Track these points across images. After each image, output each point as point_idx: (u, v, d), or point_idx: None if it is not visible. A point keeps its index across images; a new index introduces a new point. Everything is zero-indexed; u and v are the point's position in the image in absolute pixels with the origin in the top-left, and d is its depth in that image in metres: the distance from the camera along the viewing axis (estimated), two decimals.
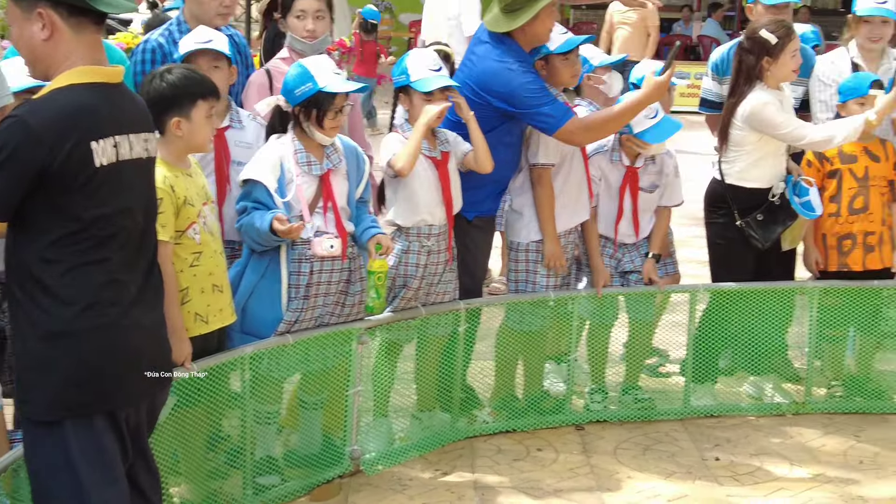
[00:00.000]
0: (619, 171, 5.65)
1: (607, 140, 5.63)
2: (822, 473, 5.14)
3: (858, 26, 6.13)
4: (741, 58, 5.74)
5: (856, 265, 5.87)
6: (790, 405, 5.88)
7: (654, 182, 5.72)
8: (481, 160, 5.16)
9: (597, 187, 5.66)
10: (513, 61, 5.25)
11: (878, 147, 5.88)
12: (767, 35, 5.60)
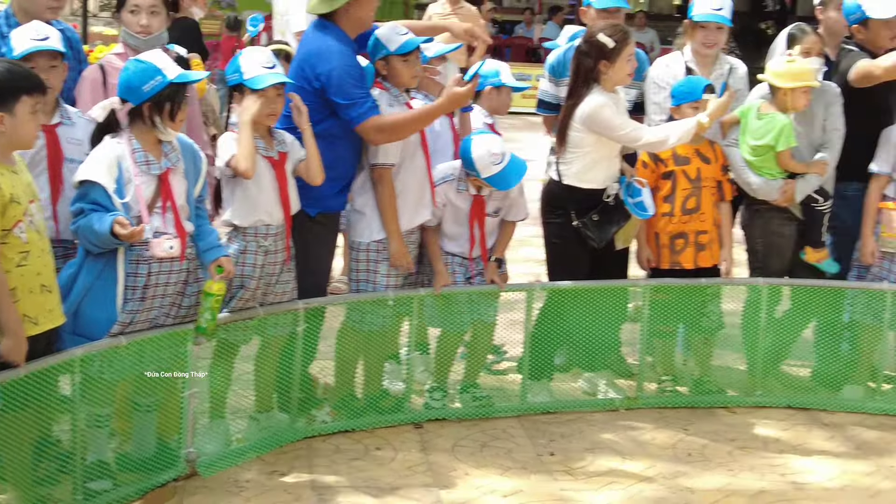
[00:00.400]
0: (465, 199, 5.71)
1: (453, 170, 5.69)
2: (652, 466, 5.29)
3: (695, 31, 6.31)
4: (579, 61, 5.85)
5: (688, 263, 6.05)
6: (623, 400, 6.03)
7: (499, 206, 5.80)
8: (313, 171, 5.17)
9: (440, 212, 5.71)
10: (334, 43, 5.30)
11: (709, 149, 6.08)
12: (605, 39, 5.72)
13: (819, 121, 6.11)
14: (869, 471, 5.33)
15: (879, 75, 6.02)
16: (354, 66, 5.32)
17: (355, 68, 5.32)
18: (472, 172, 5.59)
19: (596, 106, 5.71)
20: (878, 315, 6.04)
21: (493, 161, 5.53)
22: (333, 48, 5.30)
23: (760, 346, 6.15)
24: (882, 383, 6.19)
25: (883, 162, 6.09)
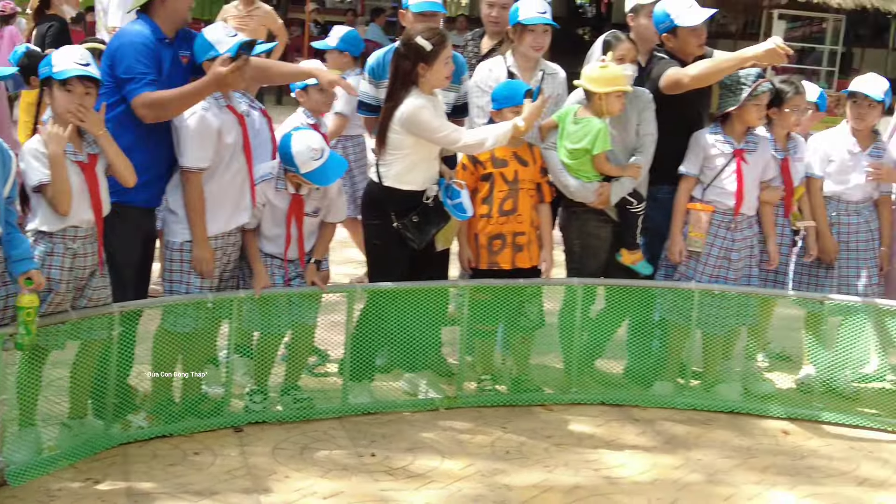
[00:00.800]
0: (284, 198, 5.67)
1: (272, 169, 5.65)
2: (471, 464, 5.36)
3: (523, 35, 6.41)
4: (397, 63, 5.89)
5: (506, 264, 6.15)
6: (443, 400, 6.10)
7: (318, 206, 5.78)
8: (118, 173, 5.08)
9: (260, 213, 5.66)
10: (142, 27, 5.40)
11: (527, 152, 6.18)
12: (423, 42, 5.77)
13: (633, 125, 6.30)
14: (677, 464, 5.53)
15: (687, 83, 6.24)
16: (143, 45, 5.32)
17: (144, 47, 5.31)
18: (292, 168, 5.56)
19: (414, 108, 5.76)
20: (686, 314, 6.27)
21: (313, 156, 5.52)
22: (130, 29, 5.39)
23: (576, 345, 6.31)
24: (690, 379, 6.43)
25: (691, 164, 6.32)
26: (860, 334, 6.26)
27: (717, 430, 6.02)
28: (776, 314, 6.76)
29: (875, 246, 6.53)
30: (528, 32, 6.40)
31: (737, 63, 6.18)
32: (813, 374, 6.37)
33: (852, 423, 6.17)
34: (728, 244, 6.31)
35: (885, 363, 6.47)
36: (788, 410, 6.26)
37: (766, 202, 6.41)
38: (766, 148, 6.37)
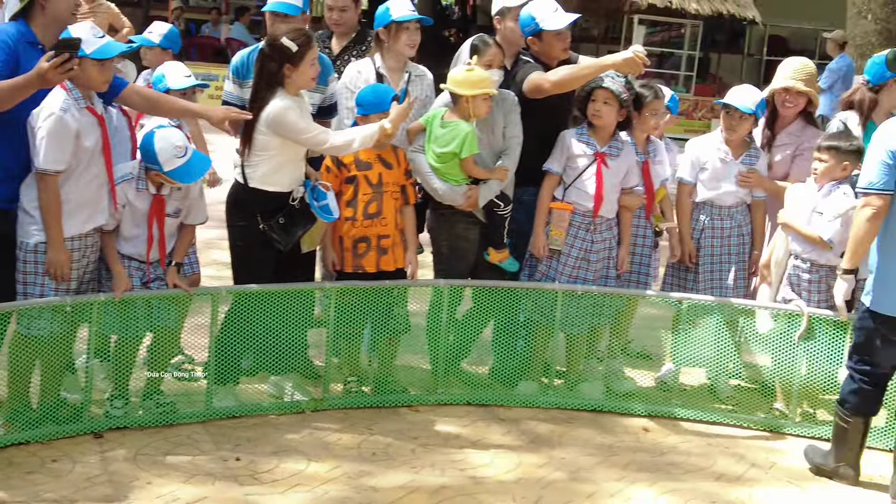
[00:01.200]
0: (145, 198, 5.57)
1: (133, 168, 5.54)
2: (337, 467, 5.34)
3: (398, 34, 6.42)
4: (263, 64, 5.83)
5: (370, 267, 6.14)
6: (309, 402, 6.07)
7: (178, 207, 5.70)
8: None
9: (120, 214, 5.55)
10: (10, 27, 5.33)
11: (391, 155, 6.18)
12: (288, 43, 5.73)
13: (499, 128, 6.36)
14: (542, 462, 5.60)
15: (548, 89, 6.32)
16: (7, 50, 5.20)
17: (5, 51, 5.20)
18: (154, 167, 5.47)
19: (281, 109, 5.72)
20: (550, 314, 6.37)
21: (177, 154, 5.45)
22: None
23: (442, 346, 6.35)
24: (554, 379, 6.53)
25: (555, 162, 6.42)
26: (717, 333, 6.45)
27: (580, 429, 6.12)
28: (637, 313, 6.90)
29: (746, 249, 6.72)
30: (402, 31, 6.42)
31: (596, 70, 6.31)
32: (672, 373, 6.53)
33: (709, 420, 6.34)
34: (587, 245, 6.42)
35: (740, 361, 6.65)
36: (649, 408, 6.41)
37: (626, 207, 6.54)
38: (629, 154, 6.50)
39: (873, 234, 5.33)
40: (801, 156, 6.69)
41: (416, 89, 6.52)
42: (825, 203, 6.17)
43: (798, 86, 6.67)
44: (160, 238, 5.62)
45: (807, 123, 6.83)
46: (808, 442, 6.09)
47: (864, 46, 17.52)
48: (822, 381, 6.22)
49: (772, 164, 6.80)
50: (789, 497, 5.43)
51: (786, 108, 6.76)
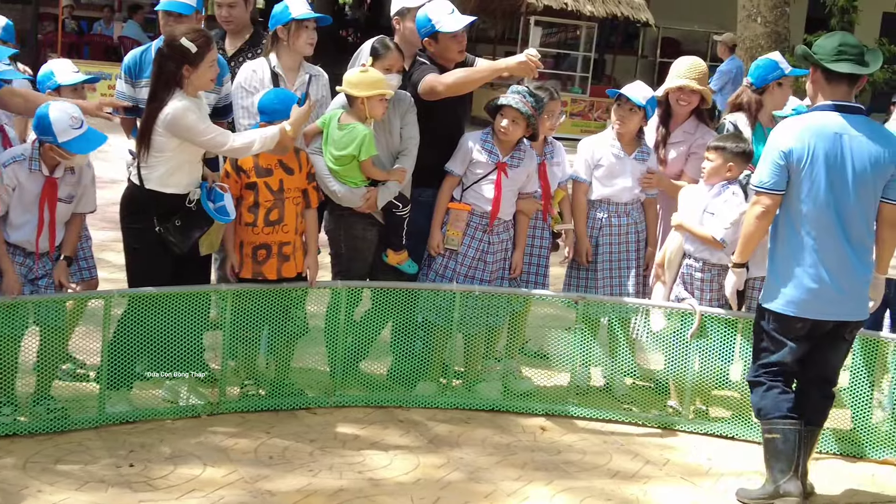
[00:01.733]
0: (37, 180, 5.45)
1: (25, 149, 5.42)
2: (234, 471, 5.29)
3: (298, 32, 6.36)
4: (161, 64, 5.74)
5: (271, 274, 6.08)
6: (205, 406, 6.00)
7: (71, 193, 5.59)
8: None
9: (9, 197, 5.42)
10: None
11: (293, 160, 6.11)
12: (188, 43, 5.66)
13: (396, 129, 6.35)
14: (440, 463, 5.62)
15: (442, 91, 6.33)
16: None
17: None
18: (48, 139, 5.36)
19: (180, 110, 5.64)
20: (448, 315, 6.39)
21: (73, 125, 5.38)
22: None
23: (340, 348, 6.33)
24: (452, 379, 6.55)
25: (457, 163, 6.44)
26: (613, 332, 6.54)
27: (479, 429, 6.15)
28: (534, 313, 6.96)
29: (642, 247, 6.82)
30: (302, 29, 6.38)
31: (490, 74, 6.36)
32: (569, 372, 6.59)
33: (605, 418, 6.42)
34: (484, 246, 6.47)
35: (635, 360, 6.75)
36: (546, 407, 6.47)
37: (522, 212, 6.59)
38: (531, 162, 6.55)
39: (762, 231, 5.43)
40: (694, 154, 6.83)
41: (312, 90, 6.49)
42: (715, 203, 6.31)
43: (692, 84, 6.80)
44: (50, 223, 5.50)
45: (700, 122, 6.97)
46: (700, 438, 6.22)
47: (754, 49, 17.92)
48: (714, 379, 6.35)
49: (666, 161, 6.93)
50: (683, 493, 5.52)
51: (680, 105, 6.89)
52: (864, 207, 5.26)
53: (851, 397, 6.15)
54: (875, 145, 5.22)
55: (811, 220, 5.23)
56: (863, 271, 5.31)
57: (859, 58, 5.26)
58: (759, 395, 5.45)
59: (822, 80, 5.31)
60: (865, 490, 5.74)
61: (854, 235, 5.25)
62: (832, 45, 5.27)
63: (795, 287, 5.28)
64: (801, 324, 5.31)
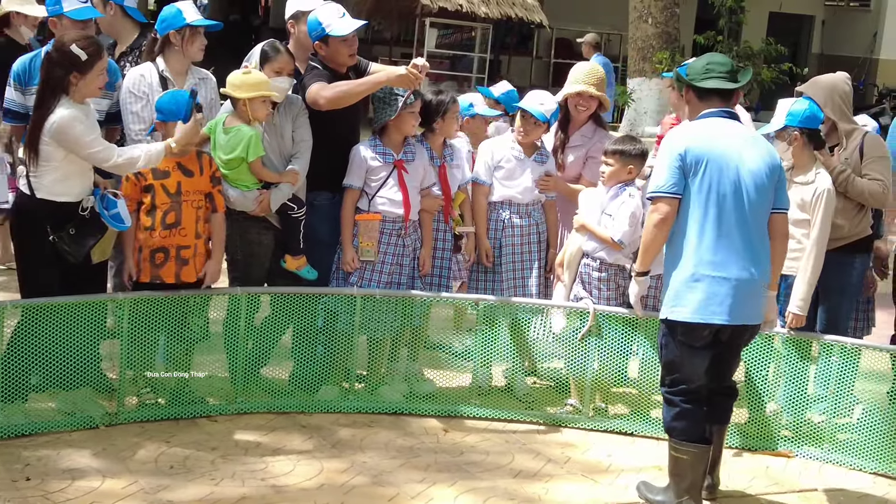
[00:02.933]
0: None
1: None
2: (134, 482, 5.22)
3: (193, 38, 6.33)
4: (48, 70, 5.65)
5: (169, 277, 6.01)
6: (103, 417, 5.91)
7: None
8: None
9: None
10: None
11: (194, 162, 6.04)
12: (77, 51, 5.57)
13: (288, 132, 6.33)
14: (344, 468, 5.61)
15: (323, 105, 6.31)
16: None
17: None
18: None
19: (67, 120, 5.55)
20: (349, 318, 6.39)
21: None
22: None
23: (241, 354, 6.28)
24: (355, 383, 6.55)
25: (354, 177, 6.44)
26: (514, 332, 6.61)
27: (382, 432, 6.16)
28: (437, 315, 6.99)
29: (544, 248, 6.88)
30: (196, 35, 6.34)
31: (371, 87, 6.38)
32: (470, 373, 6.64)
33: (507, 418, 6.48)
34: (399, 250, 6.51)
35: (536, 359, 6.82)
36: (448, 408, 6.50)
37: (425, 210, 6.62)
38: (423, 155, 6.60)
39: (662, 237, 5.35)
40: (592, 158, 6.92)
41: (201, 93, 6.45)
42: (613, 205, 6.41)
43: (591, 90, 6.90)
44: None
45: (597, 126, 7.08)
46: (600, 435, 6.32)
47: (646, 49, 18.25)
48: (612, 377, 6.45)
49: (565, 165, 7.01)
50: (583, 490, 5.60)
51: (578, 111, 6.98)
52: (761, 212, 5.30)
53: (746, 392, 6.30)
54: (760, 151, 5.32)
55: (711, 225, 5.20)
56: (759, 275, 5.32)
57: (729, 74, 5.38)
58: (672, 415, 5.36)
59: (695, 98, 5.44)
60: (760, 481, 5.89)
61: (750, 241, 5.26)
62: (701, 65, 5.43)
63: (699, 293, 5.22)
64: (706, 331, 5.25)
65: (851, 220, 6.44)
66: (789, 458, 6.21)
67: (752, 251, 5.28)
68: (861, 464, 6.10)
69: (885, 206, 6.58)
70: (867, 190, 6.40)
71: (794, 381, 6.25)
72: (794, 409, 6.28)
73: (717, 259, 5.22)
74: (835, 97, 6.57)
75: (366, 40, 22.52)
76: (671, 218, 5.28)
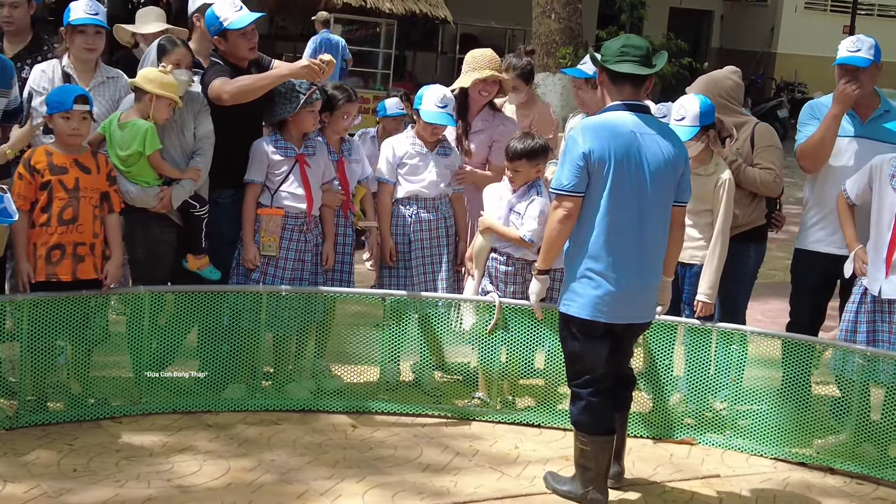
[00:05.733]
0: None
1: None
2: (36, 486, 5.12)
3: (73, 37, 6.25)
4: None
5: (65, 275, 5.90)
6: (3, 420, 5.79)
7: None
8: None
9: None
10: None
11: (90, 160, 5.95)
12: None
13: (190, 129, 6.27)
14: (251, 466, 5.58)
15: (226, 100, 6.27)
16: None
17: None
18: None
19: None
20: (255, 316, 6.35)
21: None
22: None
23: (145, 354, 6.21)
24: (262, 381, 6.50)
25: (255, 172, 6.41)
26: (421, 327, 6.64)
27: (290, 430, 6.13)
28: (343, 311, 6.97)
29: (452, 241, 6.90)
30: (77, 34, 6.25)
31: (274, 81, 6.34)
32: (378, 368, 6.65)
33: (415, 413, 6.49)
34: (302, 246, 6.48)
35: (443, 353, 6.85)
36: (356, 404, 6.49)
37: (327, 205, 6.61)
38: (323, 150, 6.60)
39: (565, 235, 5.36)
40: (497, 142, 6.96)
41: (109, 91, 6.39)
42: (521, 204, 6.44)
43: (496, 74, 6.96)
44: None
45: (493, 110, 7.19)
46: (508, 427, 6.36)
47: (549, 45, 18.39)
48: (520, 369, 6.51)
49: (471, 152, 7.06)
50: (492, 482, 5.63)
51: (482, 96, 7.06)
52: (662, 207, 5.34)
53: (649, 381, 6.40)
54: (666, 144, 5.32)
55: (610, 222, 5.23)
56: (655, 273, 5.40)
57: (643, 59, 5.32)
58: (579, 409, 5.39)
59: (608, 80, 5.37)
60: (664, 468, 5.99)
61: (649, 237, 5.31)
62: (616, 47, 5.34)
63: (593, 290, 5.26)
64: (600, 328, 5.30)
65: (745, 209, 6.58)
66: (692, 445, 6.32)
67: (648, 250, 5.33)
68: (762, 449, 6.24)
69: (776, 194, 6.71)
70: (759, 179, 6.54)
71: (695, 370, 6.37)
72: (696, 398, 6.41)
73: (611, 258, 5.25)
74: (717, 92, 6.70)
75: (269, 37, 22.37)
76: (575, 215, 5.29)
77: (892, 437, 6.04)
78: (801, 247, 6.77)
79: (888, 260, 6.04)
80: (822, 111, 6.56)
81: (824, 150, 6.53)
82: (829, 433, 6.25)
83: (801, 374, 6.20)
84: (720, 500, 5.64)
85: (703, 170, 6.38)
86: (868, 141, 6.51)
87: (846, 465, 6.06)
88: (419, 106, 6.75)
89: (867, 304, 6.16)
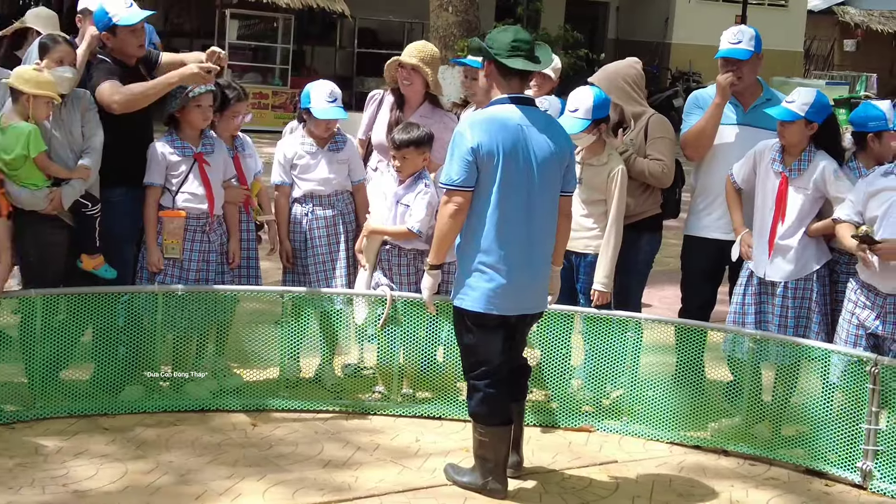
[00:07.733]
0: None
1: None
2: None
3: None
4: None
5: None
6: None
7: None
8: None
9: None
10: None
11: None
12: None
13: (77, 128, 6.18)
14: (149, 469, 5.52)
15: (117, 110, 6.21)
16: None
17: None
18: None
19: None
20: (152, 316, 6.29)
21: None
22: None
23: (38, 358, 6.10)
24: (160, 381, 6.44)
25: (153, 174, 6.36)
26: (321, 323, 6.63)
27: (188, 430, 6.08)
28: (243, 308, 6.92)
29: (352, 237, 6.84)
30: None
31: (163, 87, 6.28)
32: (278, 366, 6.62)
33: (316, 409, 6.49)
34: (206, 246, 6.44)
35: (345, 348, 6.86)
36: (256, 402, 6.46)
37: (230, 202, 6.57)
38: (222, 148, 6.56)
39: (456, 229, 5.38)
40: (439, 139, 6.92)
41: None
42: (409, 196, 6.46)
43: (411, 61, 6.93)
44: None
45: (435, 107, 7.15)
46: (408, 421, 6.39)
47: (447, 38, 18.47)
48: (418, 362, 6.53)
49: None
50: (393, 476, 5.65)
51: (404, 86, 7.02)
52: (550, 199, 5.40)
53: (546, 371, 6.48)
54: (552, 136, 5.38)
55: (500, 216, 5.27)
56: (545, 264, 5.48)
57: (531, 54, 5.37)
58: (476, 401, 5.43)
59: (497, 74, 5.38)
60: (563, 456, 6.07)
61: (538, 229, 5.36)
62: (507, 40, 5.34)
63: (486, 283, 5.31)
64: (494, 320, 5.36)
65: (637, 199, 6.68)
66: (590, 432, 6.42)
67: (538, 242, 5.40)
68: (658, 434, 6.35)
69: (665, 185, 6.80)
70: (647, 169, 6.65)
71: (592, 358, 6.47)
72: (593, 385, 6.50)
73: (502, 251, 5.30)
74: (619, 82, 6.81)
75: (165, 33, 22.07)
76: (465, 209, 5.31)
77: (783, 417, 6.21)
78: (690, 233, 6.92)
79: (770, 242, 6.22)
80: (707, 101, 6.72)
81: (706, 138, 6.68)
82: (722, 416, 6.40)
83: (695, 359, 6.33)
84: (617, 486, 5.73)
85: (597, 160, 6.47)
86: (750, 128, 6.68)
87: (740, 447, 6.20)
88: (308, 105, 6.70)
89: (754, 287, 6.35)
